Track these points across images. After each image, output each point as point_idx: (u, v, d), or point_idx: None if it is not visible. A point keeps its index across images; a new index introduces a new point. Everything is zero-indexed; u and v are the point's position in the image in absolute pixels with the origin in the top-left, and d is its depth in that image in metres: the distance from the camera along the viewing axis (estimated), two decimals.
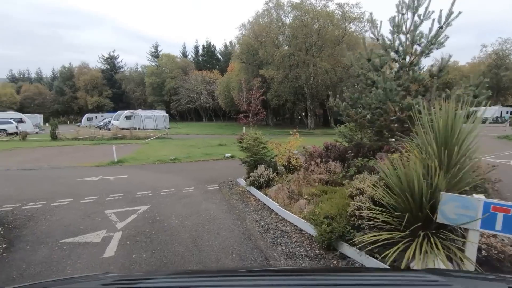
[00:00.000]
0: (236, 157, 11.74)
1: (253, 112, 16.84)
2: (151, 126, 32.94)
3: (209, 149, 14.93)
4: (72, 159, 12.19)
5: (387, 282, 1.15)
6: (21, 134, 21.51)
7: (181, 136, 24.56)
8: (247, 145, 7.31)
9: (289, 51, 25.79)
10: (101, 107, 61.30)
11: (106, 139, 21.16)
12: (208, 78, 57.14)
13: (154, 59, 68.89)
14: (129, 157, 12.20)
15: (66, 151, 15.38)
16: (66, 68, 65.71)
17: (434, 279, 1.15)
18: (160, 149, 15.43)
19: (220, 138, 21.95)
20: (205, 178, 8.15)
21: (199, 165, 10.27)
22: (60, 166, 10.35)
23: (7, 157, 13.26)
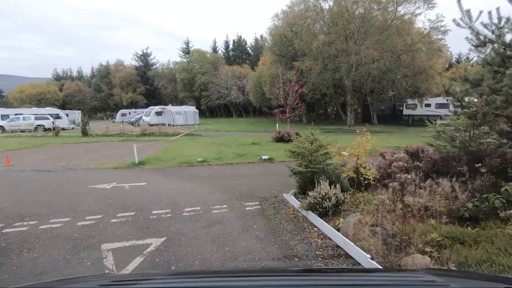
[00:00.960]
0: (275, 160, 9.78)
1: (291, 106, 14.78)
2: (181, 122, 32.16)
3: (242, 148, 13.14)
4: (94, 158, 11.07)
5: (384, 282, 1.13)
6: (54, 130, 21.46)
7: (211, 133, 23.17)
8: (300, 149, 5.30)
9: (329, 39, 23.11)
10: (135, 103, 62.73)
11: (135, 135, 20.36)
12: (239, 73, 55.75)
13: (185, 55, 69.07)
14: (153, 157, 10.78)
15: (92, 148, 14.52)
16: (103, 66, 68.23)
17: (431, 279, 1.13)
18: (187, 147, 13.96)
19: (252, 136, 20.15)
20: (240, 190, 6.30)
21: (231, 170, 8.47)
22: (77, 167, 9.15)
23: (33, 155, 12.58)
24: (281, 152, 11.60)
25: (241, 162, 9.54)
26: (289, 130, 14.81)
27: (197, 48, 65.40)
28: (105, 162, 10.21)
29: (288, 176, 7.33)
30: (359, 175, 5.20)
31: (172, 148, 13.86)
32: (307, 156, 5.18)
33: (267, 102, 43.49)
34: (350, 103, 26.46)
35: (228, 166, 9.10)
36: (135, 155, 9.45)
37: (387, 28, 22.88)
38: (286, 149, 5.97)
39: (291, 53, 33.31)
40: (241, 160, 9.98)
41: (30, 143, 16.73)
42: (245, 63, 62.13)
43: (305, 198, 5.09)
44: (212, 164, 9.39)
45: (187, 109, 34.93)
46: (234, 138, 17.94)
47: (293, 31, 32.83)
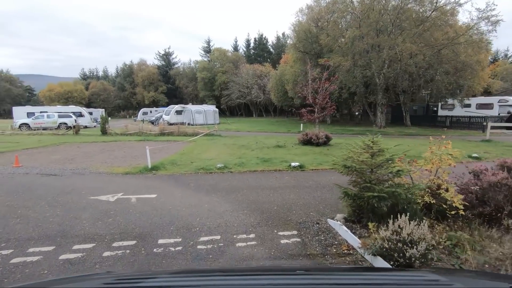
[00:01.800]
0: (306, 167, 8.39)
1: (320, 105, 13.29)
2: (200, 122, 31.44)
3: (265, 152, 11.85)
4: (107, 160, 10.23)
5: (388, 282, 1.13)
6: (74, 128, 21.28)
7: (231, 133, 22.08)
8: (358, 163, 3.91)
9: (360, 33, 21.21)
10: (156, 102, 63.34)
11: (153, 135, 19.68)
12: (260, 71, 54.55)
13: (206, 54, 68.93)
14: (168, 160, 9.74)
15: (107, 148, 13.82)
16: (126, 66, 69.54)
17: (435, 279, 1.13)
18: (206, 149, 12.87)
19: (275, 137, 18.81)
20: (269, 210, 5.01)
21: (256, 180, 7.19)
22: (86, 172, 8.27)
23: (47, 154, 12.01)
24: (311, 157, 10.19)
25: (266, 170, 8.23)
26: (318, 132, 13.34)
27: (218, 47, 64.96)
28: (117, 165, 9.29)
29: (328, 191, 5.96)
30: (439, 200, 3.74)
31: (190, 149, 12.83)
32: (366, 174, 3.78)
33: (289, 101, 41.93)
34: (380, 103, 24.37)
35: (252, 174, 7.82)
36: (148, 160, 8.41)
37: (425, 20, 20.64)
38: (333, 160, 4.58)
39: (316, 50, 31.57)
40: (266, 166, 8.68)
41: (49, 142, 16.42)
42: (266, 61, 60.75)
43: (364, 229, 3.70)
44: (233, 171, 8.16)
45: (207, 108, 34.18)
46: (256, 140, 16.69)
47: (319, 26, 31.10)
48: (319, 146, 13.12)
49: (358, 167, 3.72)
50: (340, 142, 14.89)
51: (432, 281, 1.12)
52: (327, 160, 9.59)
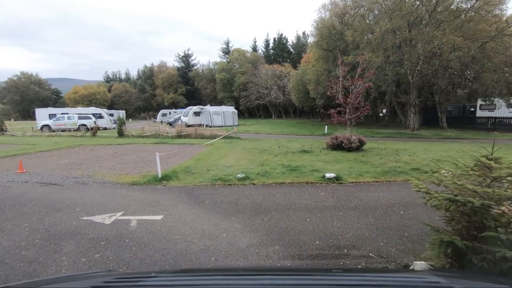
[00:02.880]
0: (344, 180, 6.94)
1: (353, 105, 11.73)
2: (219, 123, 30.52)
3: (291, 158, 10.48)
4: (116, 167, 9.30)
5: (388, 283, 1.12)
6: (92, 130, 20.92)
7: (251, 136, 20.86)
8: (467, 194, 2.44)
9: (392, 25, 19.24)
10: (176, 104, 63.52)
11: (170, 137, 18.86)
12: (279, 72, 53.12)
13: (225, 55, 68.49)
14: (182, 167, 8.62)
15: (121, 151, 13.01)
16: (147, 68, 70.53)
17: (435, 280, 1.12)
18: (225, 154, 11.69)
19: (299, 140, 17.37)
20: (311, 246, 3.65)
21: (285, 196, 5.86)
22: (89, 180, 7.30)
23: (57, 158, 11.34)
24: (346, 165, 8.70)
25: (296, 182, 6.87)
26: (349, 136, 11.79)
27: (237, 47, 64.22)
28: (125, 172, 8.29)
29: (383, 216, 4.51)
30: None
31: (207, 154, 11.70)
32: (485, 214, 2.32)
33: (310, 102, 40.18)
34: (413, 103, 22.22)
35: (279, 187, 6.49)
36: (158, 168, 7.30)
37: (466, 10, 18.40)
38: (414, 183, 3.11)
39: (341, 47, 29.72)
40: (295, 177, 7.31)
41: (64, 144, 15.96)
42: (286, 61, 59.20)
43: None
44: (256, 183, 6.86)
45: (225, 109, 33.24)
46: (278, 143, 15.35)
47: (344, 22, 29.27)
48: (351, 151, 11.56)
49: (469, 201, 2.28)
50: (374, 146, 13.22)
51: (432, 282, 1.10)
52: (366, 169, 8.07)
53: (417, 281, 1.17)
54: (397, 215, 4.63)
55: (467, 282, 1.18)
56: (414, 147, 13.30)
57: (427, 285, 1.09)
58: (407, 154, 11.00)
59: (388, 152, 11.43)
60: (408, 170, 7.93)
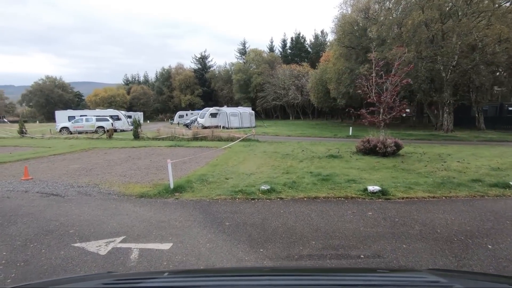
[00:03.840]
0: (391, 194, 5.69)
1: (388, 105, 10.37)
2: (236, 125, 29.65)
3: (318, 164, 9.30)
4: (127, 173, 8.50)
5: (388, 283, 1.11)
6: (108, 132, 20.58)
7: (270, 138, 19.78)
8: None
9: (426, 16, 17.47)
10: (192, 105, 63.51)
11: (186, 139, 18.12)
12: (297, 71, 51.71)
13: (241, 56, 67.82)
14: (198, 175, 7.66)
15: (134, 155, 12.31)
16: (165, 70, 71.15)
17: (435, 280, 1.11)
18: (244, 159, 10.67)
19: (322, 143, 16.09)
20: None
21: (323, 216, 4.71)
22: (94, 191, 6.48)
23: (68, 162, 10.75)
24: (386, 174, 7.43)
25: (332, 197, 5.69)
26: (384, 139, 10.44)
27: (253, 48, 63.33)
28: (135, 181, 7.44)
29: (465, 251, 3.27)
30: None
31: (225, 159, 10.72)
32: None
33: (330, 102, 38.53)
34: (448, 102, 20.31)
35: (313, 204, 5.34)
36: (170, 178, 6.35)
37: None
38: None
39: (364, 44, 28.07)
40: (329, 190, 6.14)
41: (80, 147, 15.56)
42: (304, 61, 57.69)
43: None
44: (284, 197, 5.76)
45: (242, 110, 32.36)
46: (301, 146, 14.16)
47: (368, 17, 27.59)
48: (386, 156, 10.20)
49: None
50: (410, 151, 11.76)
51: (432, 282, 1.10)
52: (414, 180, 6.76)
53: (416, 280, 1.17)
54: (486, 250, 3.39)
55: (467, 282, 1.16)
56: (459, 151, 11.70)
57: (427, 284, 1.08)
58: (455, 160, 9.51)
59: (431, 158, 9.98)
60: (467, 181, 6.55)
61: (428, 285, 1.08)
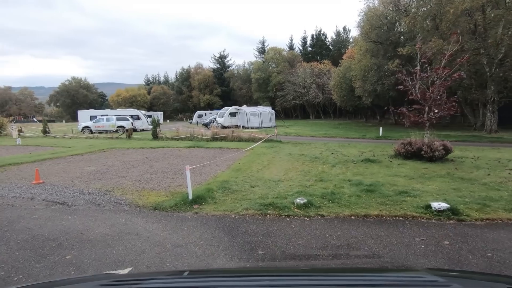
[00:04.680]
0: (466, 215, 4.48)
1: (435, 102, 8.99)
2: (256, 124, 28.74)
3: (355, 170, 8.14)
4: (142, 177, 7.79)
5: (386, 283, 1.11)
6: (127, 132, 20.31)
7: (292, 138, 18.68)
8: None
9: (472, 2, 15.55)
10: (211, 105, 63.38)
11: (205, 140, 17.41)
12: (318, 70, 50.05)
13: (260, 55, 66.85)
14: (219, 182, 6.77)
15: (152, 157, 11.67)
16: (184, 70, 71.57)
17: (433, 279, 1.11)
18: (269, 163, 9.69)
19: (352, 144, 14.79)
20: None
21: (385, 246, 3.63)
22: (103, 200, 5.74)
23: (83, 164, 10.26)
24: (443, 184, 6.19)
25: (386, 215, 4.56)
26: (430, 141, 9.08)
27: (273, 46, 62.13)
28: (151, 187, 6.66)
29: None
30: None
31: (248, 162, 9.79)
32: None
33: (354, 101, 36.65)
34: (492, 99, 18.27)
35: (365, 225, 4.25)
36: (188, 187, 5.47)
37: None
38: None
39: (394, 38, 26.26)
40: (379, 204, 5.01)
41: (98, 147, 15.23)
42: (325, 59, 55.77)
43: None
44: (326, 214, 4.69)
45: (262, 109, 31.39)
46: (329, 148, 12.98)
47: (398, 10, 25.72)
48: (433, 161, 8.84)
49: None
50: (458, 155, 10.26)
51: (430, 281, 1.09)
52: (483, 193, 5.46)
53: (414, 280, 1.16)
54: None
55: (465, 281, 1.14)
56: None
57: (425, 284, 1.08)
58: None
59: (489, 164, 8.51)
60: None
61: (426, 285, 1.07)
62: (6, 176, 8.36)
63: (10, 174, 8.63)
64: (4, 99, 76.52)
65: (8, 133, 22.11)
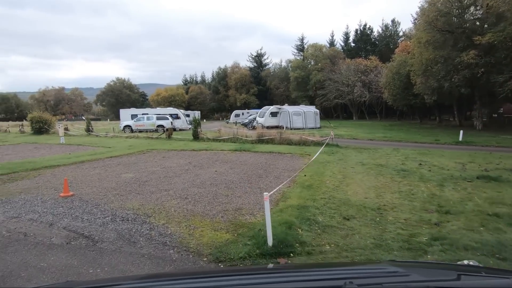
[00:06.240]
0: None
1: None
2: (299, 125, 26.44)
3: (482, 193, 5.68)
4: (189, 193, 6.11)
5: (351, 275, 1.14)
6: (167, 132, 19.30)
7: (348, 142, 16.15)
8: None
9: None
10: (247, 104, 62.12)
11: (250, 141, 15.64)
12: (364, 66, 46.13)
13: (299, 52, 64.02)
14: (295, 209, 4.78)
15: (195, 162, 10.09)
16: (221, 69, 71.31)
17: (394, 270, 1.18)
18: (343, 176, 7.52)
19: (431, 151, 11.94)
20: None
21: None
22: (140, 237, 4.07)
23: (122, 168, 9.00)
24: None
25: None
26: None
27: (312, 43, 58.97)
28: (202, 211, 4.90)
29: None
30: None
31: (316, 175, 7.69)
32: None
33: (409, 99, 32.60)
34: None
35: None
36: (267, 229, 3.48)
37: None
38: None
39: (469, 25, 22.34)
40: None
41: (138, 148, 14.19)
42: (371, 54, 51.42)
43: None
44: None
45: (306, 109, 28.98)
46: (408, 157, 10.41)
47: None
48: None
49: None
50: None
51: (391, 272, 1.16)
52: None
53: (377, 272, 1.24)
54: None
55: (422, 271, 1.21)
56: None
57: (386, 274, 1.15)
58: None
59: None
60: None
61: (387, 275, 1.12)
62: (36, 183, 7.22)
63: (41, 180, 7.50)
64: (58, 99, 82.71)
65: (56, 131, 22.44)
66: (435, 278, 1.10)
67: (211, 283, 1.12)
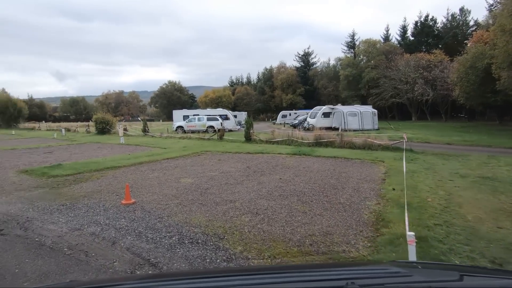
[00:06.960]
0: None
1: None
2: (354, 126, 24.32)
3: None
4: (258, 206, 5.22)
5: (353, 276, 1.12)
6: (219, 132, 19.01)
7: (421, 146, 13.93)
8: None
9: None
10: (294, 105, 60.58)
11: (306, 144, 14.42)
12: (426, 61, 41.39)
13: (349, 50, 60.35)
14: (404, 240, 3.50)
15: (254, 166, 9.26)
16: (267, 70, 70.91)
17: (396, 271, 1.16)
18: (447, 192, 5.95)
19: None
20: None
21: None
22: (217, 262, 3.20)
23: (180, 172, 8.57)
24: None
25: None
26: None
27: (364, 38, 55.07)
28: (282, 233, 3.94)
29: None
30: None
31: (409, 189, 6.22)
32: None
33: (487, 97, 28.04)
34: None
35: None
36: None
37: None
38: None
39: None
40: None
41: (192, 149, 13.96)
42: (433, 48, 46.00)
43: None
44: None
45: (363, 109, 26.63)
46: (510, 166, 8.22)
47: None
48: None
49: None
50: None
51: (393, 272, 1.14)
52: None
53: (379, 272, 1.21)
54: None
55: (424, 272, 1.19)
56: None
57: (388, 275, 1.12)
58: None
59: None
60: None
61: (389, 275, 1.11)
62: (99, 186, 7.03)
63: (103, 183, 7.31)
64: (118, 101, 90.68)
65: (116, 131, 23.85)
66: (437, 278, 1.08)
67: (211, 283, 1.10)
